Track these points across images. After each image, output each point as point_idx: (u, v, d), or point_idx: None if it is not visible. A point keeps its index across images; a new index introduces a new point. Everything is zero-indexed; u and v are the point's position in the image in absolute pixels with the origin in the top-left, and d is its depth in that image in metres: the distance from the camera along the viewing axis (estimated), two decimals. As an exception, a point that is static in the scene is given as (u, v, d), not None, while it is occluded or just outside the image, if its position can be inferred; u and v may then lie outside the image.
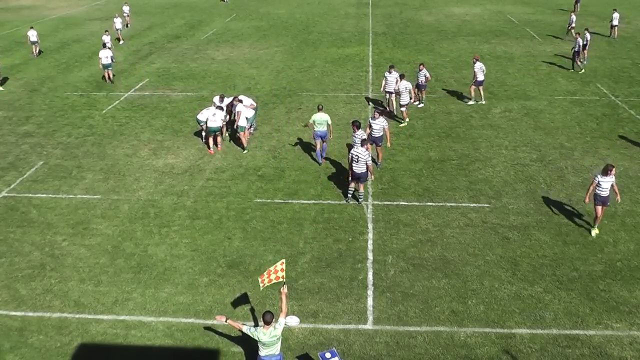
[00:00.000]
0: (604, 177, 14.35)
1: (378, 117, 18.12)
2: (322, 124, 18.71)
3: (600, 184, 14.36)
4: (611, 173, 14.31)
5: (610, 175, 14.32)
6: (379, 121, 18.07)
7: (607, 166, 14.41)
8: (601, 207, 14.63)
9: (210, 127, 19.84)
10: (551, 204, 16.36)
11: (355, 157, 15.81)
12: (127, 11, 43.28)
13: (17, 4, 57.18)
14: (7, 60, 33.71)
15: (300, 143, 20.90)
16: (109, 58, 28.42)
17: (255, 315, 12.14)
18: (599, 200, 14.53)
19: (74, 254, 14.36)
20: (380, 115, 18.20)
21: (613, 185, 14.46)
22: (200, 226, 15.53)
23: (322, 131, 18.83)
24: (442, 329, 11.66)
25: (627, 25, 41.36)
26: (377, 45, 36.39)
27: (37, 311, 12.33)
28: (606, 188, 14.37)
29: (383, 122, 18.13)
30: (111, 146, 20.92)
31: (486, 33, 39.50)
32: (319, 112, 18.76)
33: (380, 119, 18.13)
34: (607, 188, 14.38)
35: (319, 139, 19.01)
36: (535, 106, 24.49)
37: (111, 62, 28.62)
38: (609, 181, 14.36)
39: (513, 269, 13.52)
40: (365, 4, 53.42)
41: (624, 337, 11.38)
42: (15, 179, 18.42)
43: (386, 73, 23.24)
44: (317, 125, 18.70)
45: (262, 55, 34.26)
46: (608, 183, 14.36)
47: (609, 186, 14.38)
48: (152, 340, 11.47)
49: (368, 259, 14.00)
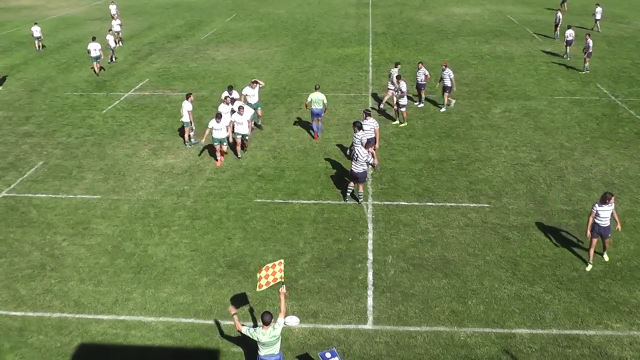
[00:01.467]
0: (602, 205, 13.00)
1: (368, 118, 17.99)
2: (317, 103, 20.49)
3: (599, 214, 13.03)
4: (610, 201, 12.93)
5: (610, 204, 12.96)
6: (369, 122, 17.94)
7: (606, 194, 12.98)
8: (597, 239, 13.34)
9: (215, 137, 18.79)
10: (551, 204, 16.36)
11: (355, 156, 15.81)
12: (114, 10, 43.48)
13: (17, 4, 57.19)
14: (7, 60, 33.73)
15: (300, 142, 20.89)
16: (97, 51, 29.85)
17: (255, 315, 12.14)
18: (596, 232, 13.18)
19: (74, 254, 14.36)
20: (370, 116, 18.08)
21: (613, 214, 13.17)
22: (200, 226, 15.53)
23: (318, 109, 20.67)
24: (442, 329, 11.66)
25: (627, 25, 41.37)
26: (377, 45, 36.39)
27: (37, 311, 12.33)
28: (605, 217, 13.04)
29: (373, 123, 18.03)
30: (111, 146, 20.92)
31: (486, 33, 39.51)
32: (315, 91, 20.55)
33: (370, 119, 18.01)
34: (606, 217, 13.04)
35: (315, 117, 20.92)
36: (535, 106, 24.50)
37: (99, 55, 30.01)
38: (608, 210, 13.01)
39: (513, 269, 13.52)
40: (365, 4, 53.42)
41: (624, 337, 11.39)
42: (15, 179, 18.43)
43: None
44: (314, 103, 20.49)
45: (262, 55, 34.26)
46: (607, 212, 13.02)
47: (609, 215, 13.07)
48: (152, 340, 11.47)
49: (368, 259, 14.00)
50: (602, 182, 17.60)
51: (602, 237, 13.33)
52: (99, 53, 29.87)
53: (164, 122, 23.24)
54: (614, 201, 13.07)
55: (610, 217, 13.13)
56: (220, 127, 18.55)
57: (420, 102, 24.55)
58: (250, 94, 21.31)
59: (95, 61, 29.99)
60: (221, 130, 18.61)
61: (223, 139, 18.84)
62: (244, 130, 19.36)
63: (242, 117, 19.21)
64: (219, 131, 18.63)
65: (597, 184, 17.49)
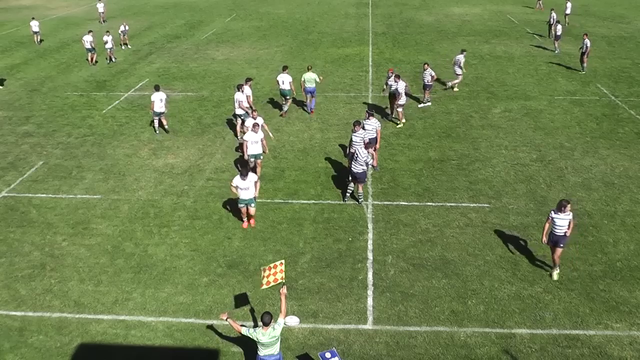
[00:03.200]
0: (558, 213, 12.55)
1: (370, 118, 18.01)
2: (310, 82, 23.15)
3: (555, 222, 12.61)
4: (566, 209, 12.46)
5: (566, 212, 12.49)
6: (372, 122, 17.97)
7: (561, 202, 12.49)
8: (553, 248, 12.93)
9: (242, 198, 14.94)
10: (551, 204, 16.35)
11: (355, 156, 15.82)
12: (101, 9, 44.43)
13: (17, 4, 57.20)
14: (7, 60, 33.74)
15: (300, 142, 20.89)
16: (88, 43, 31.92)
17: (255, 315, 12.14)
18: (551, 240, 12.84)
19: (73, 254, 14.36)
20: (373, 116, 18.11)
21: (570, 222, 12.61)
22: (200, 226, 15.53)
23: (311, 87, 23.31)
24: (442, 329, 11.66)
25: (627, 25, 41.39)
26: (377, 45, 36.39)
27: (37, 311, 12.33)
28: (561, 226, 12.57)
29: (376, 123, 18.04)
30: (111, 146, 20.92)
31: (486, 33, 39.51)
32: (308, 71, 23.27)
33: (373, 119, 18.04)
34: (562, 226, 12.57)
35: (308, 94, 23.56)
36: (535, 106, 24.50)
37: (92, 47, 32.06)
38: (565, 218, 12.54)
39: (513, 269, 13.52)
40: (365, 4, 53.43)
41: (623, 337, 11.39)
42: (15, 179, 18.42)
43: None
44: (307, 82, 23.12)
45: (262, 55, 34.26)
46: (564, 220, 12.55)
47: (566, 224, 12.57)
48: (152, 340, 11.47)
49: (368, 259, 14.00)
50: (602, 182, 17.60)
51: (556, 246, 12.81)
52: (90, 46, 31.82)
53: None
54: (570, 209, 12.56)
55: (567, 227, 12.61)
56: (247, 186, 14.68)
57: (427, 102, 24.44)
58: (283, 80, 23.08)
59: (89, 53, 32.14)
60: (248, 190, 14.75)
61: (250, 200, 14.97)
62: (257, 150, 17.38)
63: (257, 136, 17.18)
64: (246, 191, 14.77)
65: (597, 184, 17.49)
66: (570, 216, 12.59)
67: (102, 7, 44.80)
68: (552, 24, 36.76)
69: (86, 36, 31.96)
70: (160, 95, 21.29)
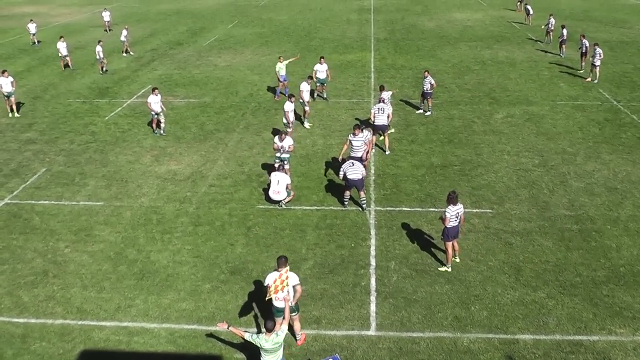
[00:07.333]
0: (450, 206, 13.05)
1: (360, 133, 17.05)
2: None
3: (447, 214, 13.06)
4: (457, 201, 13.07)
5: (457, 204, 13.07)
6: (361, 137, 17.04)
7: (449, 194, 13.15)
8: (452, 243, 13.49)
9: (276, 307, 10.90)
10: (554, 210, 16.33)
11: (350, 163, 15.86)
12: (107, 17, 44.54)
13: (20, 11, 57.44)
14: (10, 67, 33.77)
15: (303, 148, 20.90)
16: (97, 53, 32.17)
17: (258, 322, 12.13)
18: (451, 236, 13.32)
19: (76, 261, 14.37)
20: (362, 130, 17.23)
21: (460, 214, 13.22)
22: (203, 232, 15.54)
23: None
24: (445, 335, 11.63)
25: (628, 30, 41.40)
26: (379, 51, 36.46)
27: (40, 318, 12.33)
28: (455, 219, 13.11)
29: (366, 138, 17.25)
30: (114, 153, 20.96)
31: (488, 38, 39.56)
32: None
33: (364, 132, 17.27)
34: (456, 219, 13.13)
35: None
36: (538, 111, 24.50)
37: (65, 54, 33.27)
38: (457, 210, 13.09)
39: (516, 275, 13.49)
40: (367, 10, 53.56)
41: (627, 342, 11.34)
42: (17, 186, 18.46)
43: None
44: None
45: (265, 61, 34.33)
46: (457, 212, 13.11)
47: (458, 216, 13.17)
48: (154, 347, 11.46)
49: (371, 265, 13.98)
50: (604, 187, 17.57)
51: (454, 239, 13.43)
52: (98, 56, 31.93)
53: (167, 128, 23.25)
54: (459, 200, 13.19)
55: (459, 218, 13.15)
56: (280, 298, 10.80)
57: (428, 111, 24.33)
58: (320, 70, 25.52)
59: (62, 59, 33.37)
60: (281, 301, 10.78)
61: (282, 310, 10.62)
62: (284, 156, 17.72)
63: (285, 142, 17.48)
64: (279, 301, 10.86)
65: (600, 189, 17.46)
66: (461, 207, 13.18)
67: (108, 15, 44.93)
68: (550, 29, 36.81)
69: (97, 47, 31.98)
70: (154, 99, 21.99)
